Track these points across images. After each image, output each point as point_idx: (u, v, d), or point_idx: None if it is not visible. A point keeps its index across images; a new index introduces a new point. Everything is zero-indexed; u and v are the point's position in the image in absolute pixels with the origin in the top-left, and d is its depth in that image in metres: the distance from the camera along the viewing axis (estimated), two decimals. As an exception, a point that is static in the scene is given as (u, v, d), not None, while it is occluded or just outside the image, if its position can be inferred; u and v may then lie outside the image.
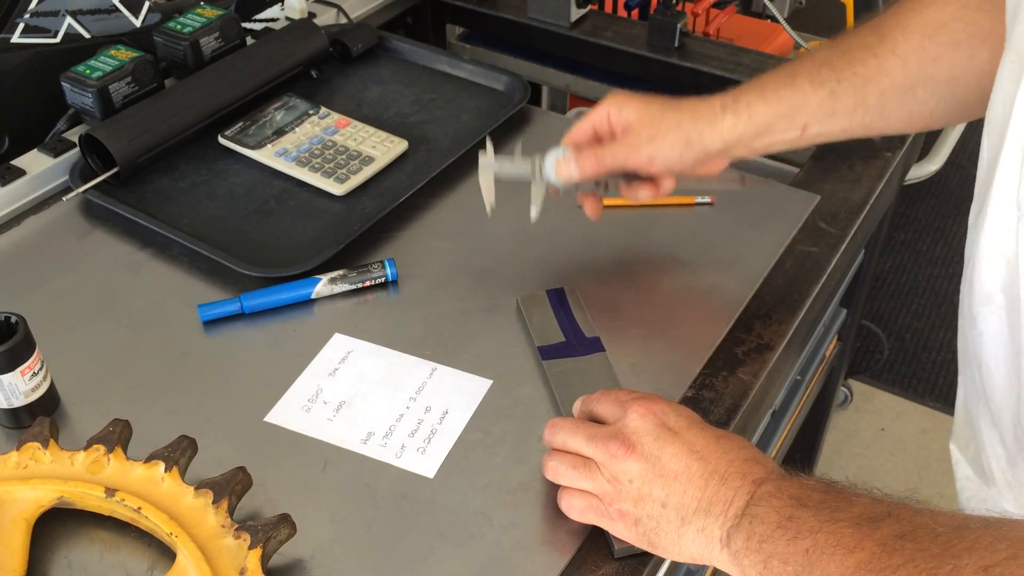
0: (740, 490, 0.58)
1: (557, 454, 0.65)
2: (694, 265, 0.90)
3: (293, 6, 1.22)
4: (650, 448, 0.61)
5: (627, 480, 0.61)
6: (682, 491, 0.59)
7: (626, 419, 0.63)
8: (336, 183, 0.96)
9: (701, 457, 0.60)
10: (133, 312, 0.85)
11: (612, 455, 0.61)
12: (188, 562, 0.60)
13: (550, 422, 0.67)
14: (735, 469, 0.59)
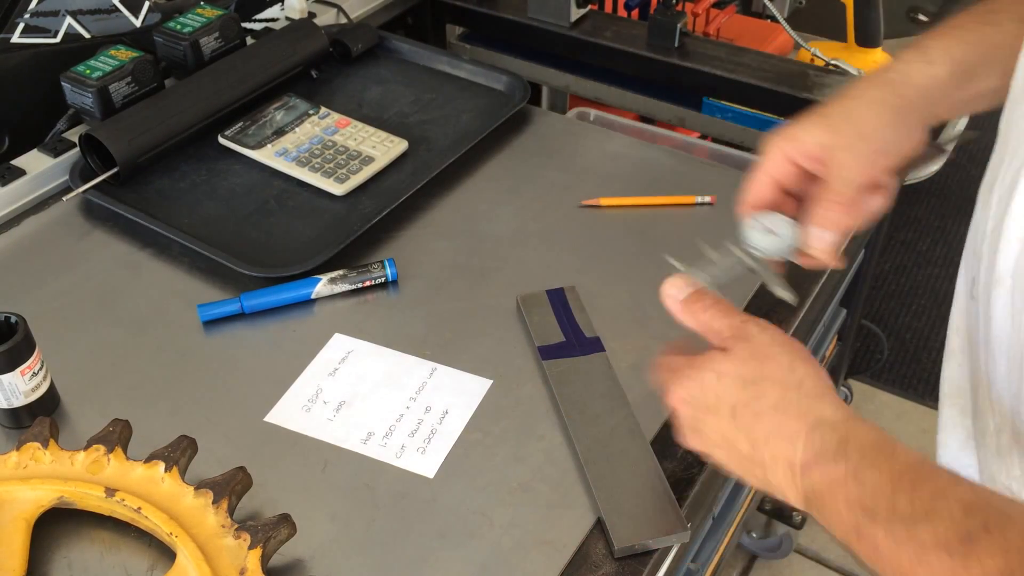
0: (789, 485, 0.53)
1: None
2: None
3: (293, 6, 1.21)
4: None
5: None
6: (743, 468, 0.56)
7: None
8: (336, 183, 0.96)
9: (750, 440, 0.55)
10: (133, 312, 0.85)
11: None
12: (188, 562, 0.60)
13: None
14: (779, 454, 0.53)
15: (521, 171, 1.02)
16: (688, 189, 0.97)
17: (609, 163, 1.03)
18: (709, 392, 0.56)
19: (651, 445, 0.72)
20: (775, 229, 0.63)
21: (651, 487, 0.68)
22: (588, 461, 0.70)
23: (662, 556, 0.67)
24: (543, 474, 0.71)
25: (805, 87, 1.12)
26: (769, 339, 0.57)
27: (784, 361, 0.56)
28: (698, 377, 0.57)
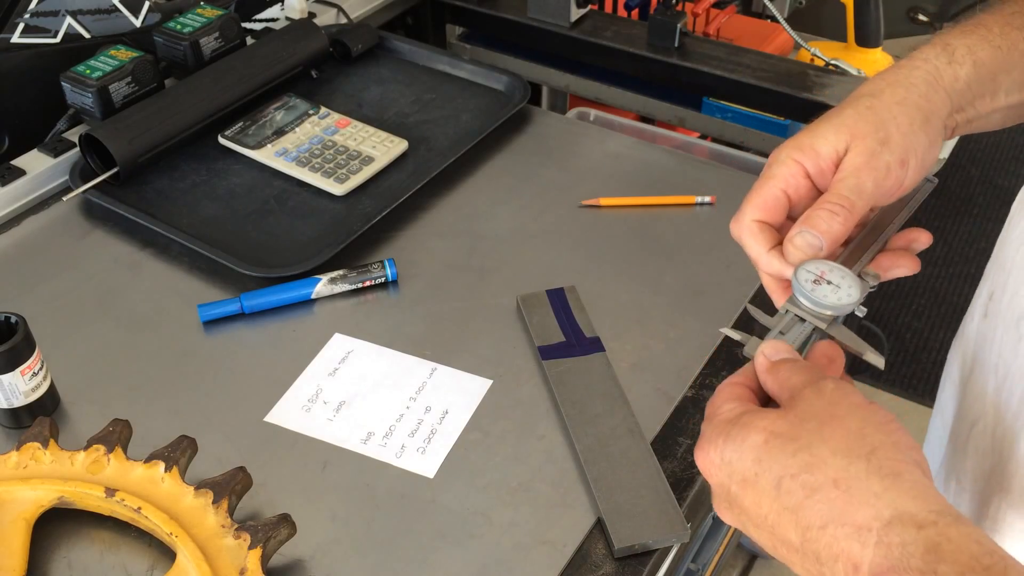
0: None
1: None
2: (694, 265, 0.90)
3: (293, 6, 1.21)
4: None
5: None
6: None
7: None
8: (336, 183, 0.96)
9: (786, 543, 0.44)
10: (133, 312, 0.85)
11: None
12: (188, 562, 0.60)
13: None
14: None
15: (521, 171, 1.02)
16: (688, 189, 0.97)
17: (609, 163, 1.03)
18: (748, 457, 0.44)
19: (651, 445, 0.72)
20: (835, 281, 0.54)
21: (651, 487, 0.68)
22: (588, 461, 0.70)
23: (662, 556, 0.67)
24: (543, 474, 0.71)
25: (805, 87, 1.12)
26: (840, 397, 0.45)
27: (852, 425, 0.43)
28: (739, 437, 0.45)
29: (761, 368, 0.50)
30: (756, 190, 0.56)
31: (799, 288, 0.54)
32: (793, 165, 0.55)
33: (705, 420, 0.49)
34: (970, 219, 2.46)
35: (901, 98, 0.56)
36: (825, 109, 0.89)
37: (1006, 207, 0.79)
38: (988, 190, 2.53)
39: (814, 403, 0.45)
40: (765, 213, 0.56)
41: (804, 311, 0.54)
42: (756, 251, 0.56)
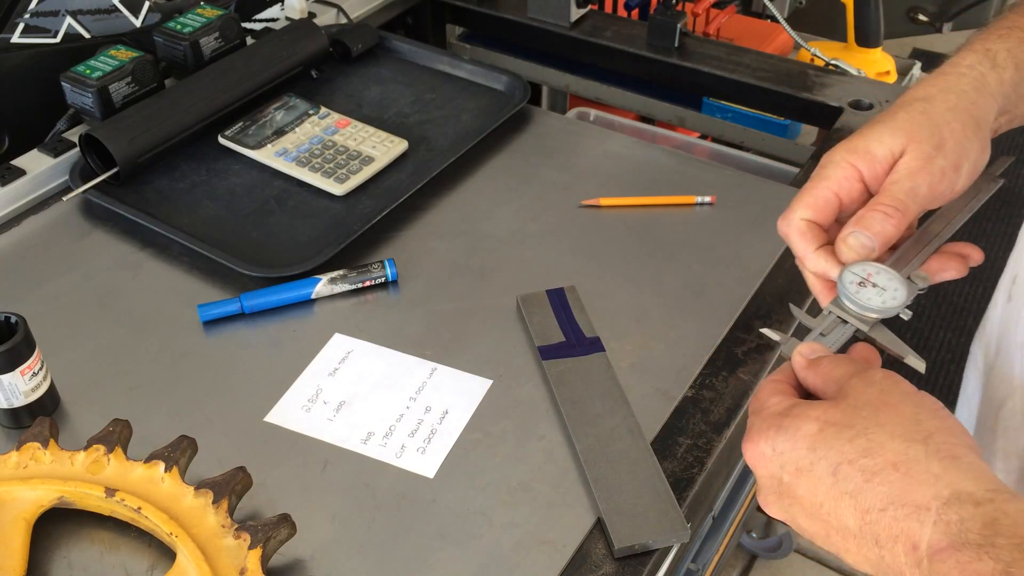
0: (911, 572, 0.41)
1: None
2: (694, 265, 0.90)
3: (293, 6, 1.22)
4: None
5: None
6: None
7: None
8: (336, 183, 0.96)
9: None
10: (133, 312, 0.85)
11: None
12: (188, 562, 0.60)
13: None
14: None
15: (521, 171, 1.02)
16: (688, 189, 0.97)
17: (609, 163, 1.03)
18: (802, 446, 0.45)
19: (651, 445, 0.72)
20: (882, 283, 0.54)
21: (651, 487, 0.68)
22: (588, 461, 0.70)
23: (662, 556, 0.67)
24: (543, 474, 0.71)
25: (805, 87, 1.12)
26: (891, 385, 0.46)
27: (906, 411, 0.44)
28: (791, 427, 0.46)
29: (799, 366, 0.51)
30: (807, 190, 0.57)
31: (844, 290, 0.54)
32: (847, 168, 0.56)
33: (752, 414, 0.49)
34: (970, 219, 2.46)
35: (953, 104, 0.56)
36: (825, 109, 0.91)
37: (1007, 207, 0.81)
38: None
39: (865, 391, 0.45)
40: (815, 213, 0.56)
41: (847, 313, 0.54)
42: (803, 249, 0.57)
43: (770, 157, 1.19)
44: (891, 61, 1.61)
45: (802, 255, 0.57)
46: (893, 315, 0.54)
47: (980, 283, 2.28)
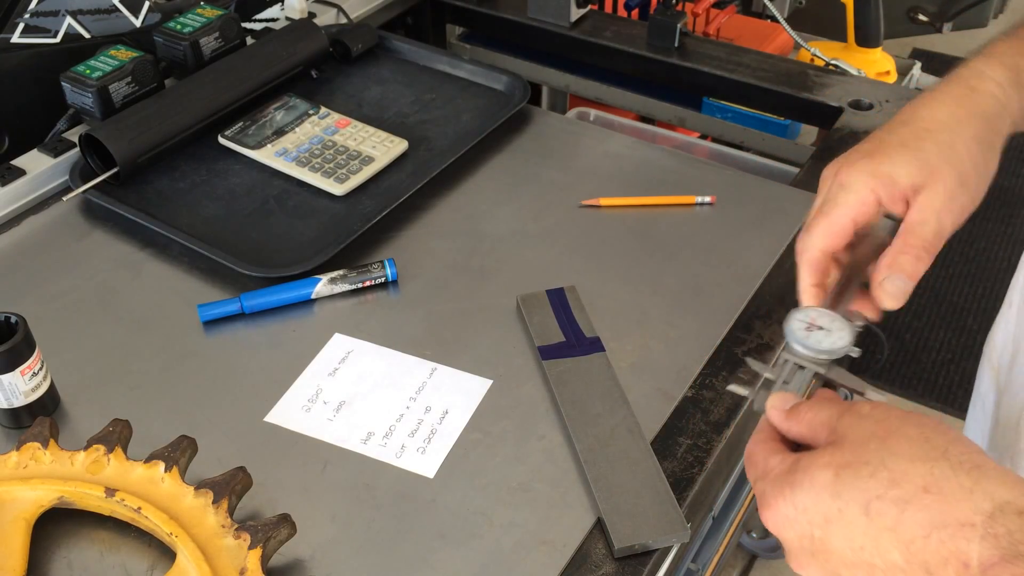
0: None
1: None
2: (694, 265, 0.90)
3: (293, 6, 1.22)
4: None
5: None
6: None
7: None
8: (336, 183, 0.96)
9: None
10: (133, 312, 0.85)
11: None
12: (188, 562, 0.60)
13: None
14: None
15: (521, 171, 1.02)
16: (688, 189, 0.97)
17: (609, 163, 1.03)
18: (825, 496, 0.43)
19: (651, 445, 0.72)
20: (826, 325, 0.56)
21: (651, 487, 0.68)
22: (588, 461, 0.70)
23: (662, 556, 0.67)
24: (543, 474, 0.71)
25: (805, 87, 1.12)
26: (883, 413, 0.46)
27: (913, 433, 0.44)
28: (806, 481, 0.44)
29: (778, 419, 0.51)
30: (826, 215, 0.56)
31: (794, 337, 0.55)
32: (867, 193, 0.55)
33: (758, 481, 0.48)
34: (970, 219, 2.46)
35: (977, 133, 0.56)
36: (825, 109, 0.90)
37: (1007, 207, 0.80)
38: (989, 190, 2.53)
39: (862, 425, 0.45)
40: (832, 241, 0.57)
41: (802, 359, 0.55)
42: (805, 283, 0.58)
43: (770, 157, 1.19)
44: (891, 61, 1.61)
45: (802, 287, 0.58)
46: (843, 355, 0.55)
47: (980, 283, 2.28)
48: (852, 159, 0.57)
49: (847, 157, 0.58)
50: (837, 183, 0.57)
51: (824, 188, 0.59)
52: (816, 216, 0.57)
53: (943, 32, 2.17)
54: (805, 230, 0.58)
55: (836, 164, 0.59)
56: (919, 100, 0.59)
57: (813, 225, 0.57)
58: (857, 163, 0.56)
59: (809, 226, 0.57)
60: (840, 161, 0.58)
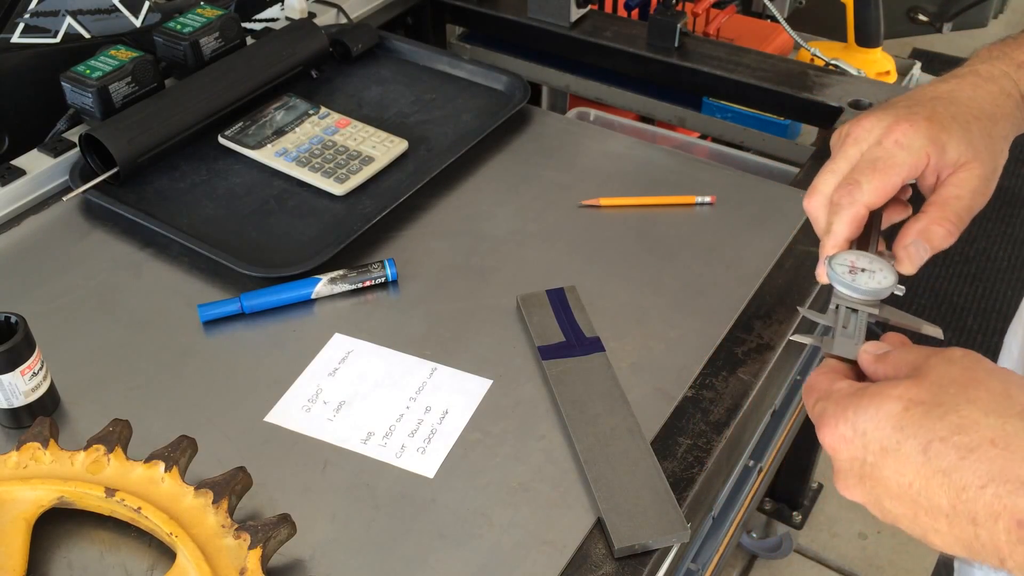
0: (1011, 549, 0.40)
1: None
2: (694, 265, 0.90)
3: (293, 6, 1.22)
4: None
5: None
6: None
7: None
8: (336, 183, 0.96)
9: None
10: (133, 312, 0.85)
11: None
12: (188, 562, 0.60)
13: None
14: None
15: (521, 171, 1.02)
16: (688, 189, 0.97)
17: (609, 163, 1.03)
18: (887, 425, 0.43)
19: (651, 445, 0.72)
20: (867, 267, 0.56)
21: (651, 487, 0.68)
22: (588, 461, 0.70)
23: (662, 556, 0.67)
24: (543, 474, 0.71)
25: (805, 87, 1.12)
26: (973, 362, 0.45)
27: (995, 386, 0.43)
28: (872, 407, 0.44)
29: (869, 362, 0.50)
30: (881, 172, 0.56)
31: (842, 282, 0.56)
32: (923, 157, 0.55)
33: (821, 400, 0.48)
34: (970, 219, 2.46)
35: (1007, 131, 0.57)
36: (825, 109, 0.89)
37: (1006, 207, 0.80)
38: (988, 190, 2.53)
39: (948, 369, 0.44)
40: (882, 198, 0.56)
41: (855, 302, 0.56)
42: (840, 237, 0.57)
43: (770, 157, 1.19)
44: (891, 61, 1.61)
45: (836, 240, 0.57)
46: (889, 293, 0.56)
47: (980, 283, 2.28)
48: (913, 119, 0.56)
49: (904, 115, 0.57)
50: (894, 142, 0.56)
51: (863, 138, 0.58)
52: (869, 172, 0.56)
53: (943, 32, 2.17)
54: (851, 182, 0.57)
55: (885, 118, 0.57)
56: (957, 82, 0.60)
57: (864, 180, 0.56)
58: (919, 124, 0.56)
59: (858, 179, 0.56)
60: (892, 117, 0.57)
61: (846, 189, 0.57)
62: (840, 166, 0.58)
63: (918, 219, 0.56)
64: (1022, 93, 0.60)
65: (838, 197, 0.57)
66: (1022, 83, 0.60)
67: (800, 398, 1.16)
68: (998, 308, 2.22)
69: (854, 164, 0.58)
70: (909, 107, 0.58)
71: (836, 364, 0.51)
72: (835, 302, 0.56)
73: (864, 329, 0.54)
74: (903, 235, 0.56)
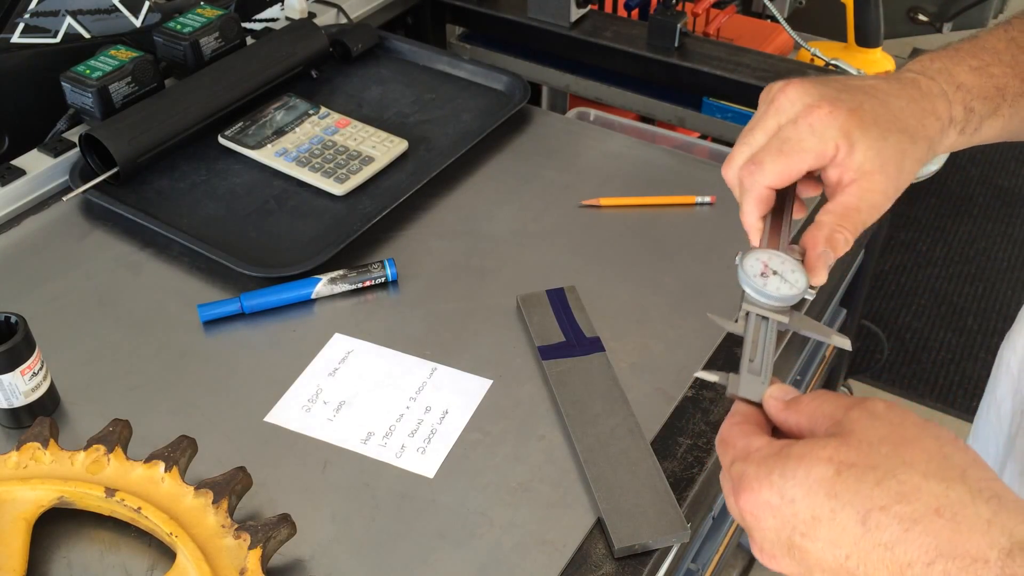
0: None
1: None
2: (694, 265, 0.90)
3: (293, 6, 1.22)
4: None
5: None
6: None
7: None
8: (336, 183, 0.96)
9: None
10: (133, 312, 0.85)
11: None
12: (188, 562, 0.60)
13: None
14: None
15: (521, 171, 1.02)
16: (688, 189, 0.97)
17: (609, 163, 1.03)
18: (819, 492, 0.40)
19: (651, 445, 0.72)
20: (778, 268, 0.54)
21: (651, 487, 0.69)
22: (588, 461, 0.70)
23: (662, 556, 0.67)
24: (543, 474, 0.71)
25: (805, 87, 1.12)
26: (899, 416, 0.41)
27: (931, 446, 0.40)
28: (799, 471, 0.40)
29: (776, 408, 0.47)
30: (786, 155, 0.53)
31: (753, 287, 0.54)
32: (832, 149, 0.53)
33: (736, 463, 0.44)
34: (970, 219, 2.46)
35: (921, 154, 0.55)
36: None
37: (1006, 207, 0.80)
38: (988, 190, 2.53)
39: (874, 425, 0.41)
40: (784, 182, 0.54)
41: (764, 309, 0.54)
42: (752, 218, 0.56)
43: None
44: (891, 61, 1.60)
45: (749, 220, 0.56)
46: (800, 299, 0.54)
47: (980, 283, 2.28)
48: (836, 105, 0.53)
49: (829, 98, 0.54)
50: (808, 125, 0.53)
51: (784, 109, 0.55)
52: (775, 154, 0.53)
53: (943, 32, 2.17)
54: (755, 163, 0.54)
55: (812, 93, 0.54)
56: (898, 88, 0.57)
57: (767, 162, 0.53)
58: (839, 114, 0.53)
59: (762, 161, 0.54)
60: (818, 95, 0.54)
61: (749, 169, 0.54)
62: (756, 139, 0.56)
63: (820, 227, 0.54)
64: (952, 117, 0.57)
65: (743, 175, 0.55)
66: (955, 106, 0.57)
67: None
68: (998, 308, 2.22)
69: (769, 136, 0.55)
70: (839, 91, 0.54)
71: (747, 411, 0.48)
72: (745, 308, 0.55)
73: (772, 361, 0.52)
74: (811, 244, 0.54)
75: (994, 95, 0.58)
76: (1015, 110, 0.59)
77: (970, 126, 0.58)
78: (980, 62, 0.59)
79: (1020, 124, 0.60)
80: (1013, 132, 0.61)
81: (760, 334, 0.53)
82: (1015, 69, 0.60)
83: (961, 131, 0.58)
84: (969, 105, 0.58)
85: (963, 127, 0.58)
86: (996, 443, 0.82)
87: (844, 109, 0.53)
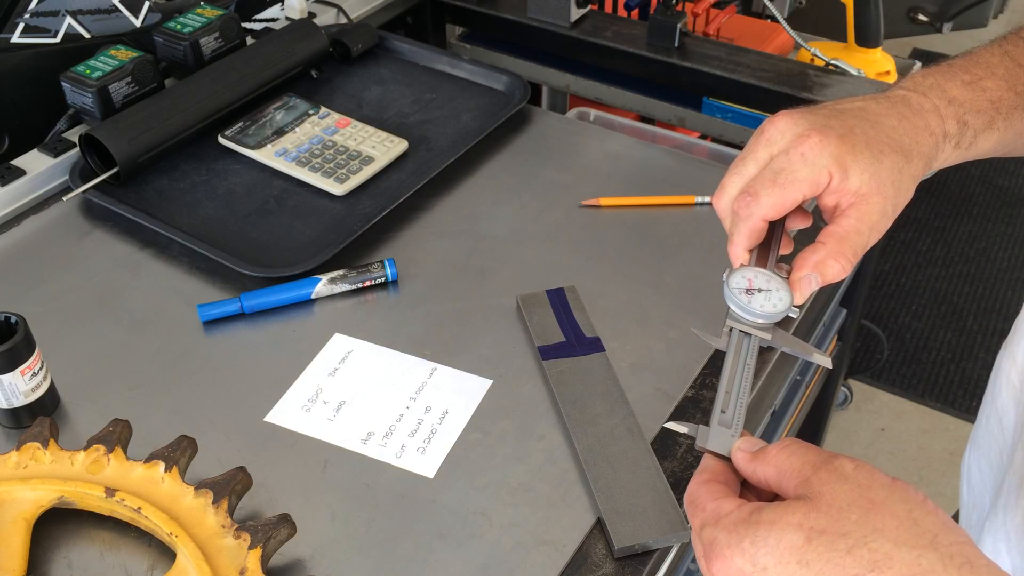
0: None
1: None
2: (694, 265, 0.90)
3: (293, 6, 1.21)
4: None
5: None
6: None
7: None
8: (336, 183, 0.96)
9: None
10: (133, 312, 0.85)
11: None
12: (188, 562, 0.60)
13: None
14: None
15: (521, 171, 1.02)
16: (688, 189, 0.97)
17: (609, 163, 1.03)
18: (791, 560, 0.40)
19: (651, 445, 0.72)
20: (764, 286, 0.55)
21: (651, 487, 0.69)
22: (588, 461, 0.70)
23: (662, 556, 0.67)
24: (543, 474, 0.71)
25: (805, 87, 1.12)
26: (867, 477, 0.42)
27: (900, 511, 0.40)
28: (770, 538, 0.41)
29: (743, 461, 0.48)
30: (780, 187, 0.53)
31: (738, 304, 0.54)
32: (825, 176, 0.53)
33: (706, 528, 0.44)
34: (970, 219, 2.46)
35: (917, 171, 0.55)
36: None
37: (1006, 207, 0.79)
38: (988, 190, 2.53)
39: (842, 489, 0.41)
40: (779, 213, 0.54)
41: (747, 326, 0.55)
42: (741, 248, 0.56)
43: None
44: (891, 61, 1.60)
45: (737, 251, 0.56)
46: (784, 316, 0.54)
47: (980, 283, 2.28)
48: (826, 133, 0.53)
49: (818, 126, 0.54)
50: (800, 155, 0.53)
51: (775, 140, 0.55)
52: (769, 185, 0.53)
53: (943, 32, 2.17)
54: (751, 194, 0.54)
55: (801, 123, 0.54)
56: (887, 106, 0.57)
57: (763, 193, 0.53)
58: (829, 141, 0.53)
59: (757, 192, 0.53)
60: (807, 125, 0.54)
61: (744, 200, 0.54)
62: (748, 169, 0.56)
63: (815, 250, 0.54)
64: (945, 131, 0.57)
65: (737, 207, 0.55)
66: (948, 120, 0.58)
67: (799, 398, 1.16)
68: (998, 308, 2.22)
69: (761, 167, 0.55)
70: (828, 118, 0.55)
71: (716, 467, 0.48)
72: (729, 324, 0.55)
73: (744, 409, 0.52)
74: (799, 264, 0.54)
75: (988, 108, 0.58)
76: (1009, 123, 0.59)
77: (965, 140, 0.58)
78: (973, 76, 0.59)
79: (1015, 137, 0.60)
80: (1009, 145, 0.61)
81: (741, 355, 0.54)
82: (1009, 82, 0.60)
83: (956, 145, 0.58)
84: (962, 119, 0.58)
85: (958, 141, 0.58)
86: (999, 453, 0.81)
87: (834, 136, 0.53)
